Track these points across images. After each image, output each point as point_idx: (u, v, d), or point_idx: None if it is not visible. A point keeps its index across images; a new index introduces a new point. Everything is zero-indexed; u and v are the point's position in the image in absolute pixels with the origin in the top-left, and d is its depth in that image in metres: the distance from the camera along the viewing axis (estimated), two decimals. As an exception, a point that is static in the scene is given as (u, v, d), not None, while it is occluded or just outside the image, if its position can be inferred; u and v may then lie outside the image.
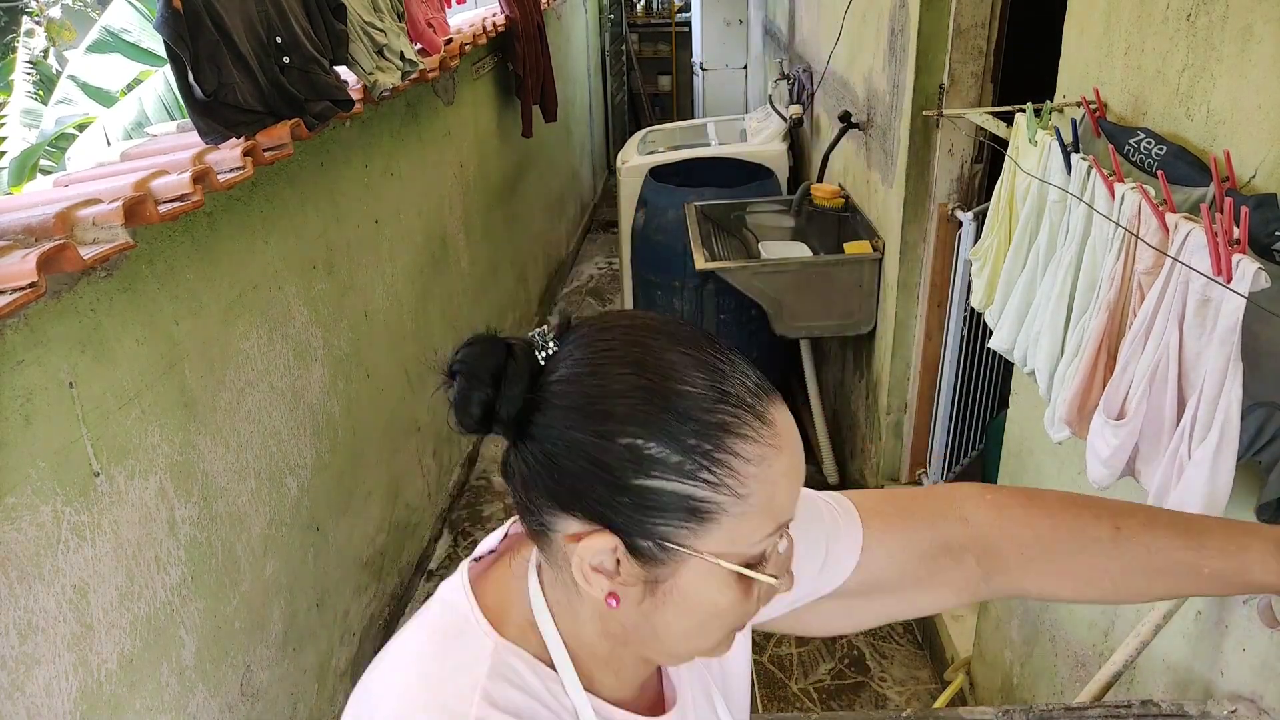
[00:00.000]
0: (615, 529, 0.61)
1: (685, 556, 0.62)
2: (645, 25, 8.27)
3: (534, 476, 0.63)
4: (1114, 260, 1.21)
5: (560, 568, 0.66)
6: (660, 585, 0.63)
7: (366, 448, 2.52)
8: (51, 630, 1.31)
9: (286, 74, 1.88)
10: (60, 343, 1.34)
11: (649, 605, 0.64)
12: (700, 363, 0.62)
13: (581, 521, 0.62)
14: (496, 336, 0.65)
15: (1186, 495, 1.03)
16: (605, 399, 0.60)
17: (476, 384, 0.62)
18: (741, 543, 0.62)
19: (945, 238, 2.52)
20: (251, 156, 1.71)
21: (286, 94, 1.88)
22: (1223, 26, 1.12)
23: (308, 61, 1.95)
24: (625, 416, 0.60)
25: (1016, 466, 1.85)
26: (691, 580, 0.63)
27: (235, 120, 1.76)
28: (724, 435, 0.60)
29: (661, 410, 0.60)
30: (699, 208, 3.34)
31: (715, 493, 0.60)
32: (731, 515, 0.61)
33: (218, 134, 1.74)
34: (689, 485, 0.60)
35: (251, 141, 1.74)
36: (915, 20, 2.33)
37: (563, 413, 0.61)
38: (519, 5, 3.88)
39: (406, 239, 2.89)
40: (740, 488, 0.61)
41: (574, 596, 0.67)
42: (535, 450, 0.62)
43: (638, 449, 0.59)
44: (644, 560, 0.62)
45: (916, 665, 2.47)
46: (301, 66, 1.93)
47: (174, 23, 1.58)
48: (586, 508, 0.62)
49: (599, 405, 0.60)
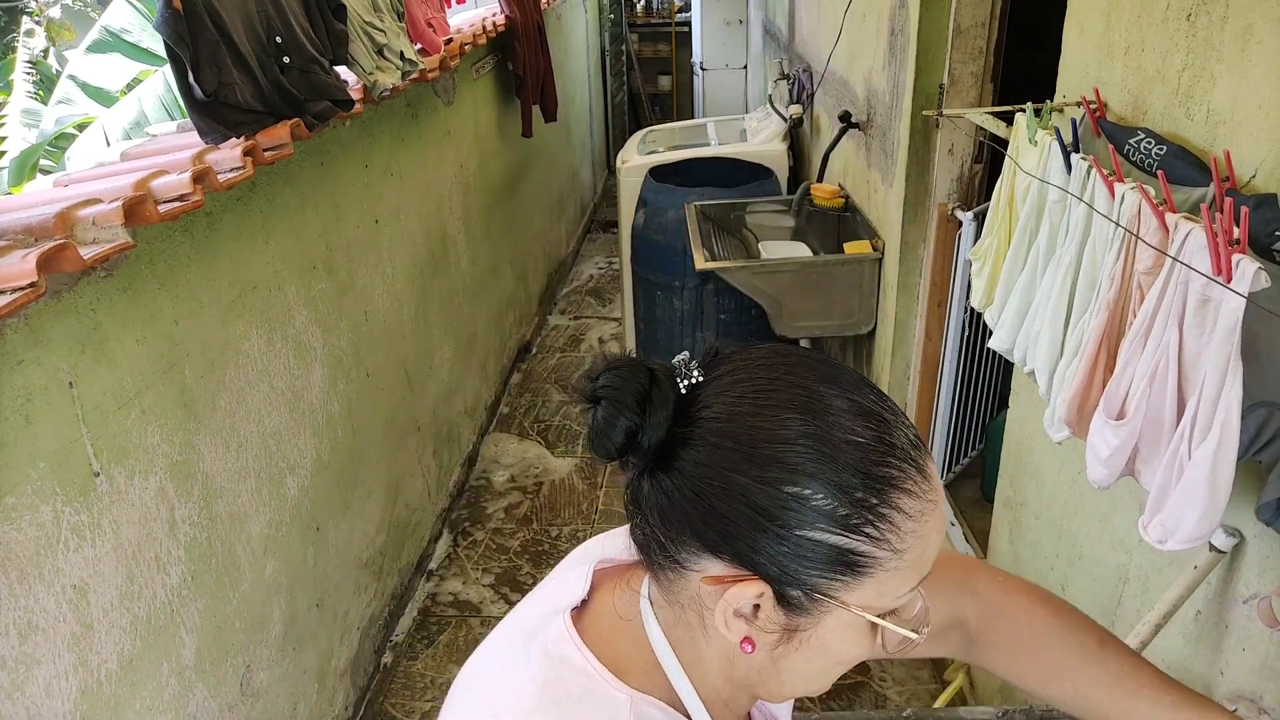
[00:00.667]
0: (767, 576, 0.59)
1: (832, 608, 0.60)
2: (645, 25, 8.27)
3: (678, 512, 0.61)
4: (1114, 260, 1.21)
5: (685, 607, 0.64)
6: (799, 633, 0.62)
7: (366, 448, 2.52)
8: (51, 630, 1.31)
9: (286, 74, 1.88)
10: (60, 343, 1.34)
11: (781, 651, 0.63)
12: (865, 411, 0.60)
13: (727, 565, 0.60)
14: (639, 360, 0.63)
15: (1186, 495, 1.03)
16: (772, 444, 0.58)
17: (623, 409, 0.60)
18: (888, 596, 0.61)
19: (945, 238, 2.52)
20: (251, 156, 1.71)
21: (286, 94, 1.87)
22: (1223, 26, 1.12)
23: (308, 61, 1.95)
24: (794, 465, 0.58)
25: (1016, 466, 1.85)
26: (832, 629, 0.62)
27: (235, 120, 1.76)
28: (890, 490, 0.59)
29: (831, 461, 0.58)
30: (699, 208, 3.34)
31: (875, 547, 0.59)
32: (885, 570, 0.60)
33: (218, 134, 1.74)
34: (851, 539, 0.58)
35: (251, 141, 1.74)
36: (915, 20, 2.33)
37: (722, 452, 0.59)
38: (519, 5, 3.88)
39: (406, 239, 2.89)
40: (899, 543, 0.60)
41: (699, 638, 0.65)
42: (682, 485, 0.60)
43: (805, 499, 0.58)
44: (789, 609, 0.61)
45: (916, 665, 2.47)
46: (301, 66, 1.93)
47: (174, 23, 1.58)
48: (737, 551, 0.59)
49: (764, 450, 0.58)
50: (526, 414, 4.13)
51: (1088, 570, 1.57)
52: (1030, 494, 1.79)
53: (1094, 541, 1.54)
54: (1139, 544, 1.41)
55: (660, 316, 3.58)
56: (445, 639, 2.71)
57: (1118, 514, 1.46)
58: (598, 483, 3.63)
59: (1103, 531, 1.51)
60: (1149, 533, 1.09)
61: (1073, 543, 1.62)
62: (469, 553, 3.12)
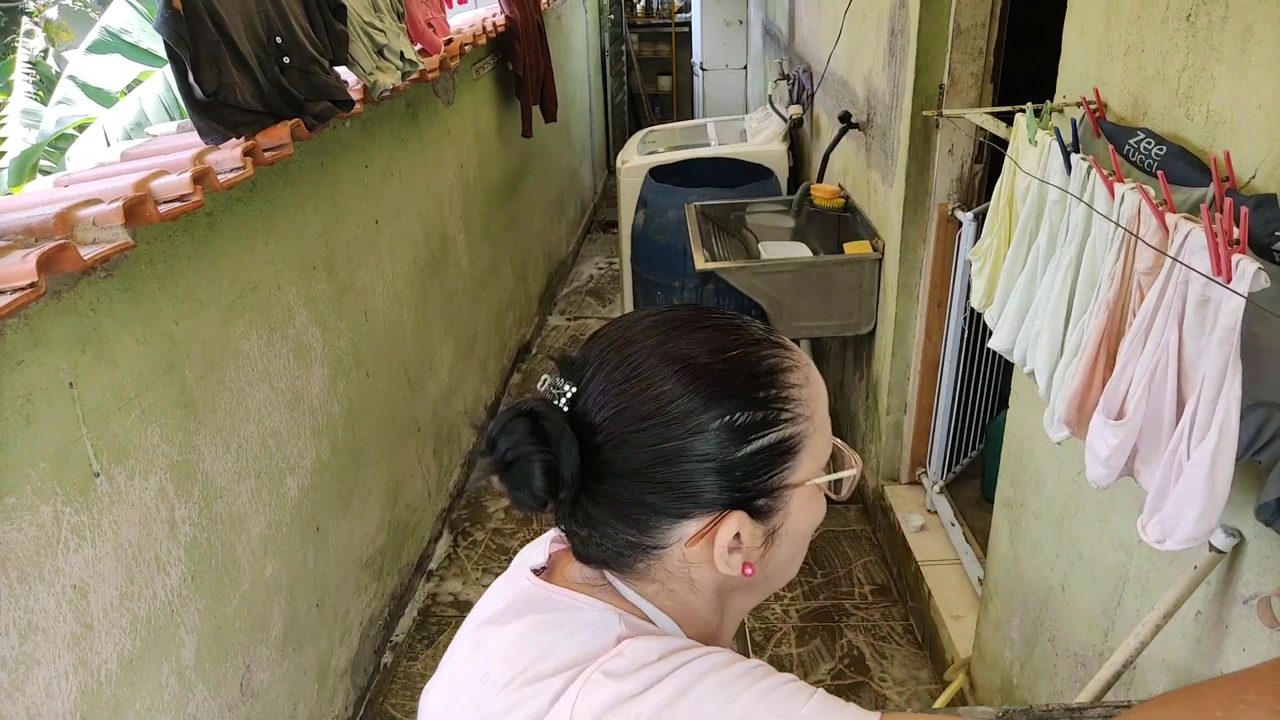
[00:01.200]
0: (737, 505, 0.65)
1: (791, 493, 0.67)
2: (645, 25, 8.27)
3: (634, 506, 0.65)
4: (1113, 260, 1.21)
5: (670, 576, 0.68)
6: (777, 531, 0.68)
7: (366, 448, 2.52)
8: (51, 630, 1.31)
9: (286, 74, 1.88)
10: (60, 343, 1.34)
11: (769, 555, 0.68)
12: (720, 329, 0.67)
13: (699, 519, 0.65)
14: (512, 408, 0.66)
15: (1185, 495, 1.03)
16: (675, 400, 0.63)
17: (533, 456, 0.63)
18: (821, 456, 0.69)
19: (945, 238, 2.52)
20: (251, 156, 1.71)
21: (286, 94, 1.88)
22: (1223, 27, 1.12)
23: (308, 62, 1.95)
24: (704, 404, 0.63)
25: (1016, 466, 1.85)
26: (797, 511, 0.68)
27: (235, 120, 1.76)
28: (778, 374, 0.66)
29: (724, 384, 0.64)
30: (699, 208, 3.34)
31: (794, 425, 0.66)
32: (809, 436, 0.67)
33: (218, 134, 1.74)
34: (778, 430, 0.65)
35: (251, 141, 1.74)
36: (915, 20, 2.33)
37: (639, 435, 0.63)
38: (519, 5, 3.89)
39: (406, 239, 2.89)
40: (805, 410, 0.67)
41: (689, 597, 0.70)
42: (621, 487, 0.64)
43: (730, 424, 0.63)
44: (764, 517, 0.66)
45: (916, 665, 2.47)
46: (301, 67, 1.93)
47: (174, 23, 1.58)
48: (702, 503, 0.64)
49: (672, 408, 0.63)
50: (526, 414, 4.13)
51: (1088, 570, 1.57)
52: (1030, 494, 1.79)
53: (1094, 541, 1.54)
54: (1139, 544, 1.41)
55: (660, 317, 3.58)
56: (445, 639, 2.71)
57: (1118, 514, 1.46)
58: (598, 483, 3.63)
59: (1103, 531, 1.51)
60: (1148, 532, 1.09)
61: (1073, 543, 1.62)
62: (469, 553, 3.12)
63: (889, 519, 2.85)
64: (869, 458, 3.07)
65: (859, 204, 3.08)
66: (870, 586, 2.76)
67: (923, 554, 2.62)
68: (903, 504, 2.85)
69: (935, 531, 2.72)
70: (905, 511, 2.80)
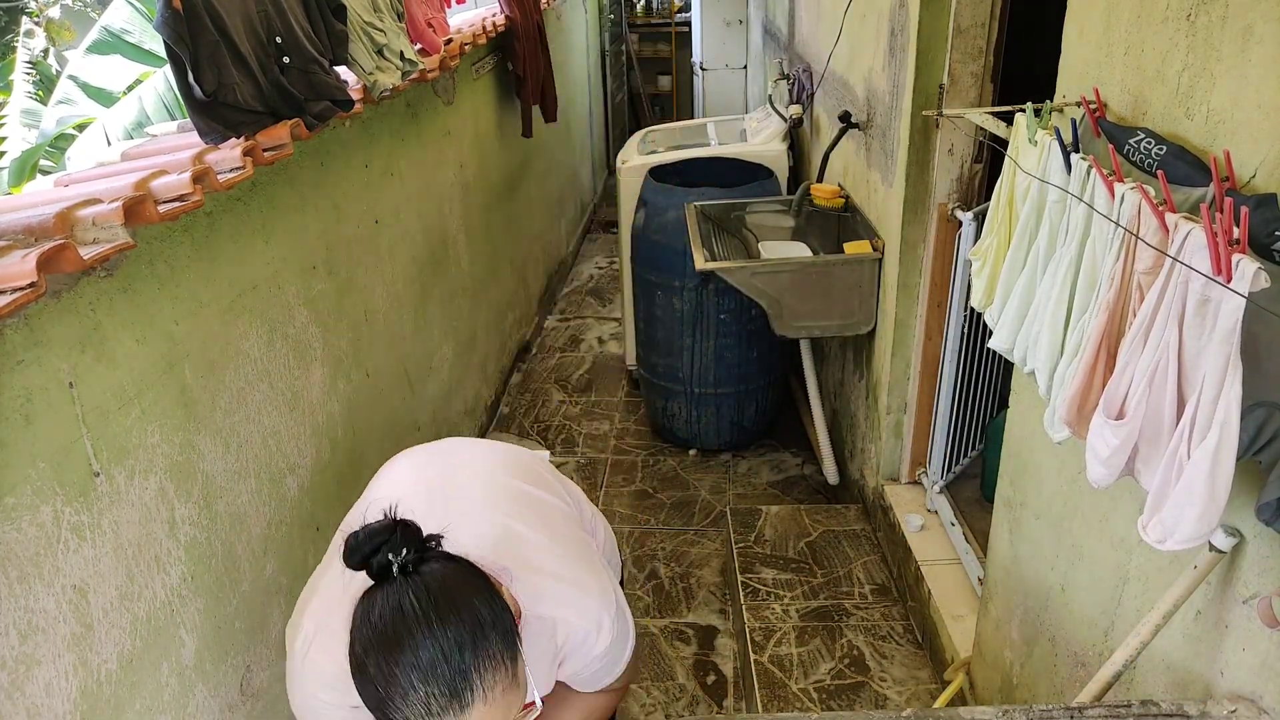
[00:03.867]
0: None
1: None
2: (645, 25, 8.27)
3: None
4: (1114, 260, 1.21)
5: None
6: None
7: (366, 448, 2.52)
8: (51, 630, 1.31)
9: (286, 74, 1.88)
10: (60, 343, 1.34)
11: None
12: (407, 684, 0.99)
13: None
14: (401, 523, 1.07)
15: (1186, 495, 1.03)
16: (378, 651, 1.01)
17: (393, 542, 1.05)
18: None
19: (945, 238, 2.52)
20: (251, 156, 1.71)
21: (286, 94, 1.88)
22: (1223, 26, 1.12)
23: (308, 61, 1.95)
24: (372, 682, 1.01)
25: (1016, 466, 1.85)
26: None
27: (235, 120, 1.76)
28: None
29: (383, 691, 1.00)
30: (699, 208, 3.34)
31: None
32: None
33: (218, 134, 1.74)
34: None
35: (251, 141, 1.74)
36: (915, 20, 2.33)
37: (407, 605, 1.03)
38: (519, 5, 3.89)
39: (406, 239, 2.89)
40: None
41: None
42: None
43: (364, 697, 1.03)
44: None
45: (916, 665, 2.47)
46: (301, 66, 1.93)
47: (174, 23, 1.58)
48: None
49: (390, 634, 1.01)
50: (526, 414, 4.13)
51: (1088, 570, 1.57)
52: (1030, 494, 1.79)
53: (1094, 541, 1.54)
54: (1139, 544, 1.41)
55: (660, 316, 3.58)
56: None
57: (1118, 514, 1.46)
58: (598, 483, 3.63)
59: (1103, 531, 1.51)
60: (1148, 532, 1.09)
61: (1073, 543, 1.62)
62: (469, 553, 3.12)
63: (889, 519, 2.85)
64: (869, 457, 3.07)
65: (859, 204, 3.08)
66: (870, 586, 2.76)
67: (923, 554, 2.62)
68: (903, 504, 2.85)
69: (935, 531, 2.72)
70: (905, 511, 2.80)
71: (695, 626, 2.89)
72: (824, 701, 2.36)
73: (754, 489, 3.56)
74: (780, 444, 3.84)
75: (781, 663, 2.49)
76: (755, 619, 2.65)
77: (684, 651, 2.80)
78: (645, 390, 3.95)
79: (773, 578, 2.81)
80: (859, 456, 3.22)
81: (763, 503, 3.36)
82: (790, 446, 3.82)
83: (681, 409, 3.72)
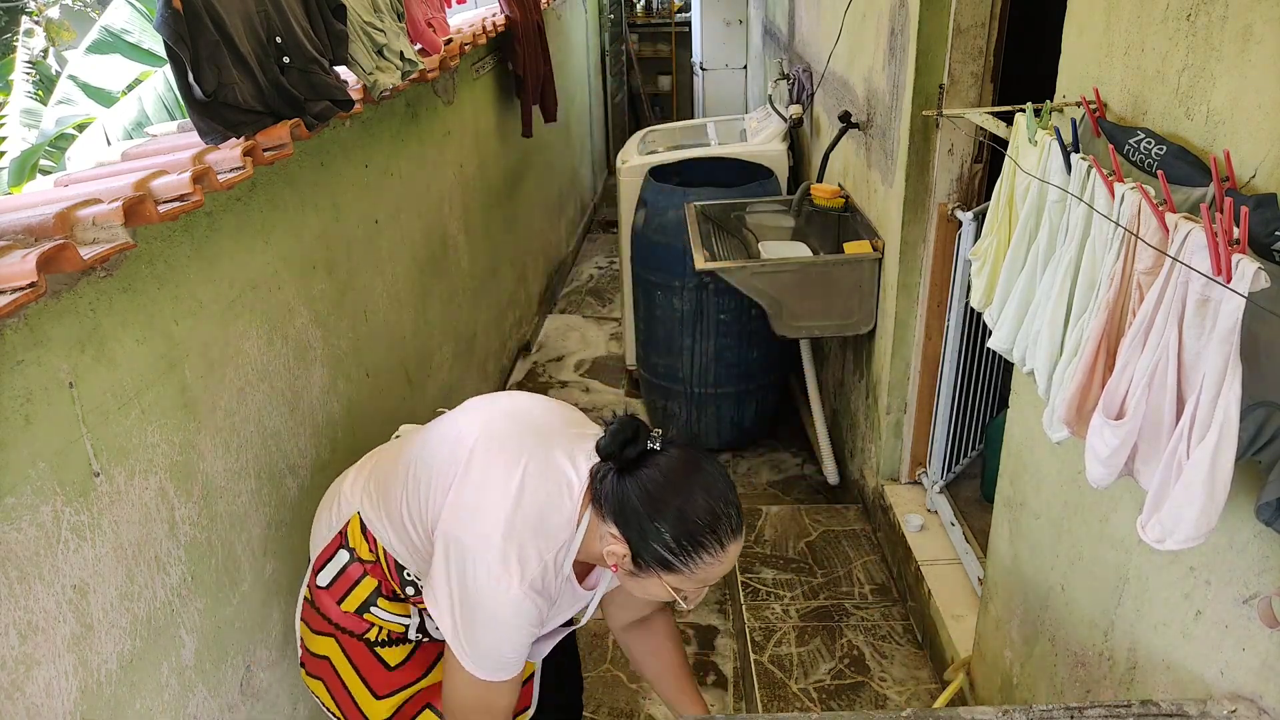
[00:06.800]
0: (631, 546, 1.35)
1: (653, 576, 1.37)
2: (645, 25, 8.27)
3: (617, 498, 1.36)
4: (1113, 260, 1.21)
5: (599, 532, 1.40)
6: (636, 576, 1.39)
7: (366, 448, 2.51)
8: (51, 630, 1.31)
9: (286, 74, 1.88)
10: (60, 343, 1.34)
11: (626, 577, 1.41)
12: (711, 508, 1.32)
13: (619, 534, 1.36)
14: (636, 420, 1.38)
15: (1185, 495, 1.03)
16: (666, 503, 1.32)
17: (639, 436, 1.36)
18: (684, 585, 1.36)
19: (945, 238, 2.52)
20: (251, 156, 1.71)
21: (286, 94, 1.87)
22: (1223, 26, 1.12)
23: (308, 61, 1.95)
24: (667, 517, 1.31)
25: (1016, 466, 1.85)
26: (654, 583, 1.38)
27: (235, 120, 1.76)
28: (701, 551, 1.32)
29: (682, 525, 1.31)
30: (699, 208, 3.34)
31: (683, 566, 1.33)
32: (684, 576, 1.34)
33: (218, 134, 1.74)
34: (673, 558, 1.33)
35: (251, 141, 1.74)
36: (915, 20, 2.33)
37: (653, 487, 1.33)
38: (519, 5, 3.89)
39: (406, 239, 2.89)
40: (695, 570, 1.33)
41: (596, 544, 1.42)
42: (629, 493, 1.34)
43: (659, 532, 1.32)
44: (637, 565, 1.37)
45: (916, 665, 2.47)
46: (301, 66, 1.93)
47: (174, 23, 1.58)
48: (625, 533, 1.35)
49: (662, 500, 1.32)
50: (526, 414, 4.12)
51: (1088, 570, 1.57)
52: (1030, 494, 1.79)
53: (1094, 541, 1.54)
54: (1139, 544, 1.41)
55: (660, 317, 3.58)
56: (445, 639, 2.70)
57: (1118, 514, 1.46)
58: (598, 483, 3.62)
59: (1103, 531, 1.51)
60: (1147, 532, 1.09)
61: (1073, 543, 1.62)
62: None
63: (889, 519, 2.85)
64: (869, 457, 3.07)
65: (859, 204, 3.08)
66: (870, 586, 2.76)
67: (923, 554, 2.62)
68: (903, 504, 2.85)
69: (935, 531, 2.72)
70: (905, 511, 2.80)
71: (695, 626, 2.89)
72: (824, 701, 2.36)
73: (754, 489, 3.56)
74: (780, 444, 3.84)
75: (781, 663, 2.49)
76: (755, 619, 2.65)
77: (684, 651, 2.80)
78: (645, 390, 3.95)
79: (773, 578, 2.81)
80: (859, 456, 3.22)
81: (763, 503, 3.36)
82: (790, 446, 3.82)
83: (681, 409, 3.72)
